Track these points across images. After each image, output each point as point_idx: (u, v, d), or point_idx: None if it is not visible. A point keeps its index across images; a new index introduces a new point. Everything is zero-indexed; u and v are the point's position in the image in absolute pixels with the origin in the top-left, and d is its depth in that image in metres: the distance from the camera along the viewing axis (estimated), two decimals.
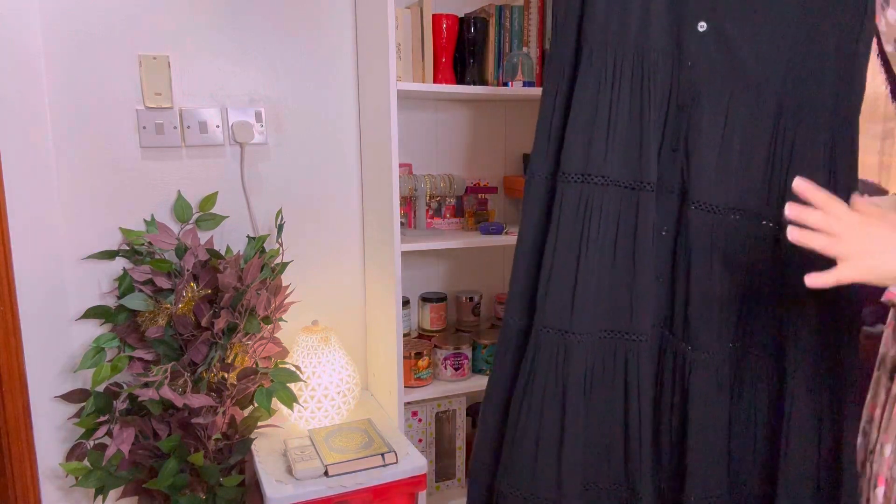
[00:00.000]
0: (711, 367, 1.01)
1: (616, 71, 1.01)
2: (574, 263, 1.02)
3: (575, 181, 1.02)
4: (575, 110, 1.02)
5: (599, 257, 1.03)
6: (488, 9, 1.76)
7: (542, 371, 1.04)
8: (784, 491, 0.97)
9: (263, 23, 1.66)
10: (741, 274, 1.00)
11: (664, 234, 1.04)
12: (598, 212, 1.02)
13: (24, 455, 1.50)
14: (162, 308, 1.49)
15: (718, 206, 0.99)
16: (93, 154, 1.54)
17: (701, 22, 0.98)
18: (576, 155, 1.01)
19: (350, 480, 1.37)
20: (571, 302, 1.02)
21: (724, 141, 0.99)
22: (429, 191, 1.76)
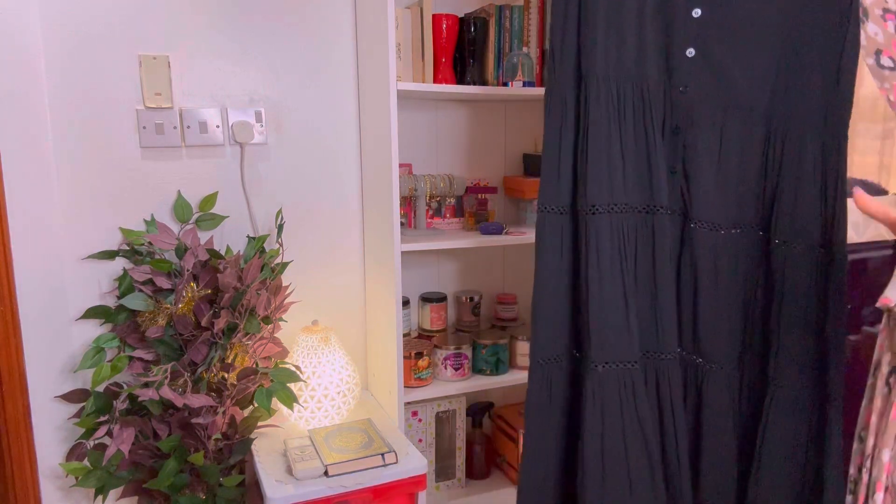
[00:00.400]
0: (723, 377, 1.04)
1: (621, 102, 1.05)
2: (622, 292, 1.04)
3: (604, 212, 1.05)
4: (592, 144, 1.05)
5: (636, 283, 1.06)
6: (488, 9, 1.76)
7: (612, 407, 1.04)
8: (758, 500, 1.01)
9: (263, 23, 1.66)
10: (744, 286, 1.04)
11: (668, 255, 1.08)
12: (630, 238, 1.05)
13: (24, 455, 1.50)
14: (162, 308, 1.49)
15: (719, 223, 1.03)
16: (93, 154, 1.54)
17: (689, 48, 1.03)
18: (601, 187, 1.05)
19: (350, 480, 1.37)
20: (628, 333, 1.04)
21: (721, 160, 1.03)
22: (429, 191, 1.76)
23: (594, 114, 1.05)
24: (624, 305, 1.04)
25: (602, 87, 1.05)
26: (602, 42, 1.04)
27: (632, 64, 1.04)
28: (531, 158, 1.99)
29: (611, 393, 1.04)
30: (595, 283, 1.04)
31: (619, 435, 1.04)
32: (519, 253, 2.10)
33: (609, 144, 1.05)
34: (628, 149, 1.05)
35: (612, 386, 1.04)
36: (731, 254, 1.03)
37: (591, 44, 1.04)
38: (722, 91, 1.01)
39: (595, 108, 1.05)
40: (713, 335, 1.04)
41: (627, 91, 1.05)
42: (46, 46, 1.47)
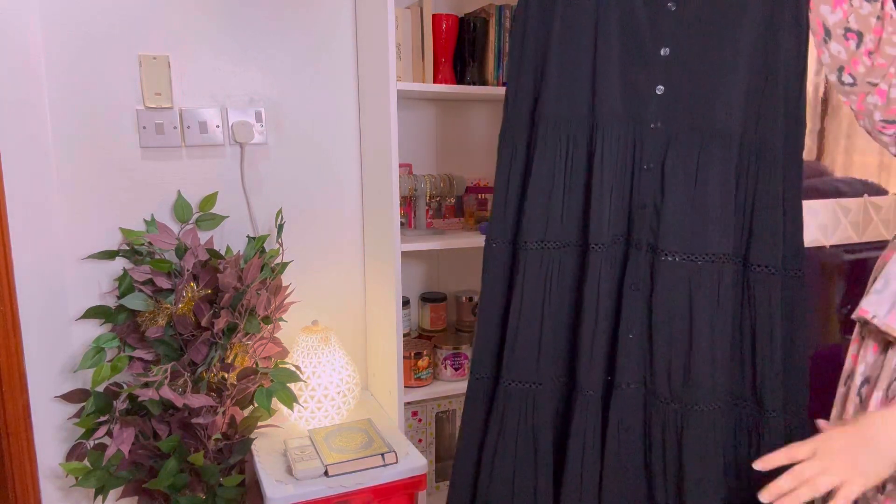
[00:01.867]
0: (706, 421, 1.02)
1: (570, 144, 1.07)
2: (538, 323, 1.10)
3: (535, 248, 1.09)
4: (533, 183, 1.09)
5: (557, 315, 1.10)
6: (488, 9, 1.76)
7: (512, 419, 1.12)
8: None
9: (263, 23, 1.66)
10: (722, 318, 1.02)
11: (636, 290, 1.06)
12: (556, 273, 1.09)
13: (24, 455, 1.50)
14: (162, 308, 1.49)
15: (695, 254, 1.02)
16: (93, 154, 1.54)
17: (658, 86, 1.03)
18: (535, 225, 1.09)
19: (350, 480, 1.37)
20: (537, 358, 1.10)
21: (698, 190, 1.02)
22: (429, 191, 1.76)
23: (539, 154, 1.08)
24: (538, 332, 1.09)
25: (550, 129, 1.07)
26: (556, 87, 1.06)
27: (587, 107, 1.06)
28: None
29: (512, 407, 1.11)
30: (516, 310, 1.10)
31: (511, 448, 1.11)
32: None
33: (552, 184, 1.08)
34: (574, 188, 1.08)
35: (515, 402, 1.11)
36: (706, 286, 1.01)
37: (546, 89, 1.07)
38: (697, 122, 1.01)
39: (542, 150, 1.08)
40: (695, 376, 1.02)
41: (580, 134, 1.06)
42: (47, 46, 1.47)
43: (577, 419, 1.07)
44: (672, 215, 1.02)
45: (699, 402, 1.01)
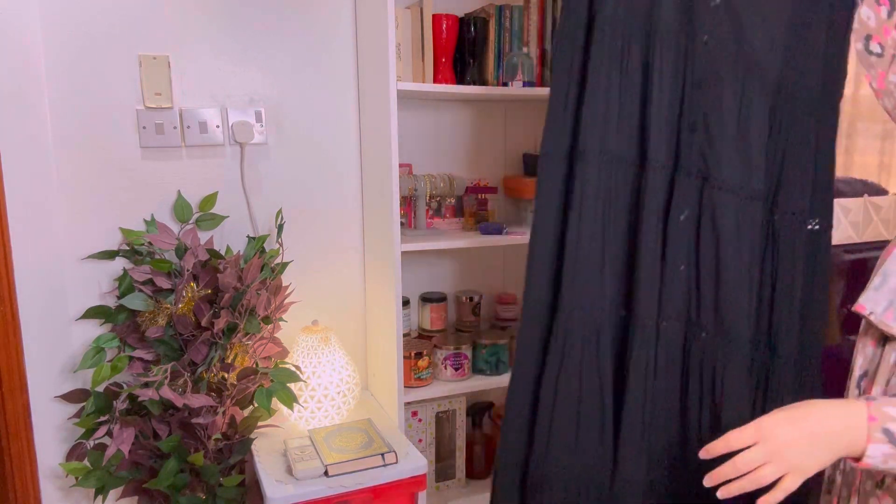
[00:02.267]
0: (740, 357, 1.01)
1: (625, 52, 1.02)
2: (599, 245, 1.04)
3: (594, 161, 1.03)
4: (589, 91, 1.03)
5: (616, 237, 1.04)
6: (488, 9, 1.76)
7: (576, 349, 1.05)
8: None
9: (263, 23, 1.66)
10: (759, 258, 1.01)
11: (683, 218, 1.03)
12: (614, 190, 1.04)
13: (24, 455, 1.50)
14: (162, 308, 1.49)
15: (741, 188, 1.00)
16: (93, 154, 1.54)
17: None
18: (594, 132, 1.03)
19: (350, 480, 1.37)
20: (601, 283, 1.04)
21: (741, 122, 0.99)
22: (429, 191, 1.76)
23: (596, 59, 1.02)
24: (600, 255, 1.03)
25: (607, 30, 1.02)
26: None
27: (644, 12, 1.01)
28: (531, 158, 1.99)
29: (574, 337, 1.05)
30: (575, 229, 1.04)
31: (575, 377, 1.05)
32: (519, 253, 2.10)
33: (608, 94, 1.03)
34: (629, 101, 1.03)
35: (577, 332, 1.05)
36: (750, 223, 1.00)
37: None
38: (741, 48, 0.98)
39: (597, 56, 1.02)
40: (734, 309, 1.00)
41: (634, 41, 1.02)
42: (47, 46, 1.47)
43: (638, 352, 1.03)
44: (724, 144, 0.99)
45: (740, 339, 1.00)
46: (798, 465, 0.77)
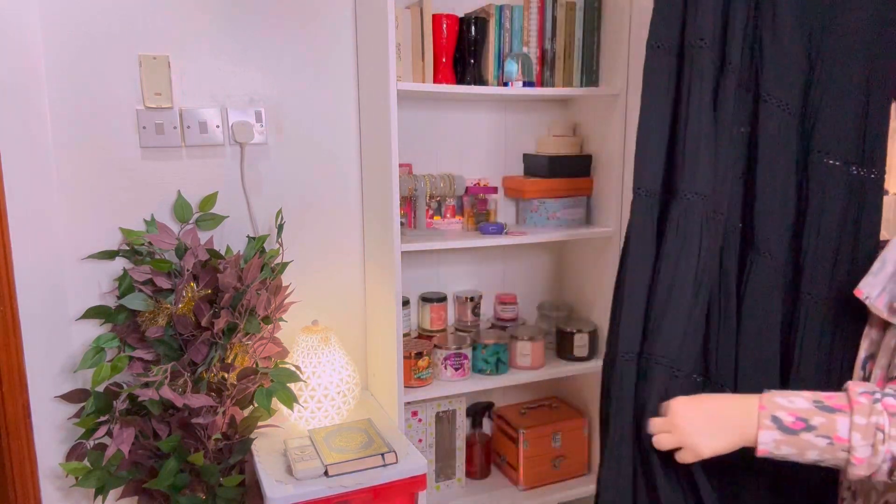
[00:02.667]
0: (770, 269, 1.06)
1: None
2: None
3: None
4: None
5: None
6: (488, 9, 1.76)
7: (693, 233, 1.06)
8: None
9: (263, 23, 1.66)
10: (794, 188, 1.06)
11: (742, 131, 1.08)
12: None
13: (24, 455, 1.50)
14: (162, 308, 1.49)
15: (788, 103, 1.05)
16: (93, 154, 1.54)
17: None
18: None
19: (350, 480, 1.37)
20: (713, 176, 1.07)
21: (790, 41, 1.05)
22: (429, 191, 1.76)
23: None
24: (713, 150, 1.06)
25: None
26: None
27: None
28: (531, 158, 1.99)
29: (693, 221, 1.06)
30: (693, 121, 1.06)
31: (693, 260, 1.06)
32: (519, 253, 2.10)
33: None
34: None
35: (696, 215, 1.06)
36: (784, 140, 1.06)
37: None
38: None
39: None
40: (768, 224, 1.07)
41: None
42: (46, 46, 1.47)
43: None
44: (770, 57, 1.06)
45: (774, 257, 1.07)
46: (691, 441, 0.87)
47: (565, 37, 1.83)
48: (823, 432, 0.78)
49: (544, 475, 1.95)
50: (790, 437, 0.79)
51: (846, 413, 0.78)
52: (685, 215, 1.05)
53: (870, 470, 0.77)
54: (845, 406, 0.78)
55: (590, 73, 1.86)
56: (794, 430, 0.79)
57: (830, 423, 0.78)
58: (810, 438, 0.78)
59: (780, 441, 0.80)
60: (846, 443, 0.77)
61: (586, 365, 1.90)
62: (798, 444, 0.79)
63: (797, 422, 0.79)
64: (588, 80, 1.86)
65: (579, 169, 1.93)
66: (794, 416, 0.80)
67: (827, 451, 0.78)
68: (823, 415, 0.78)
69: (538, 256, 2.12)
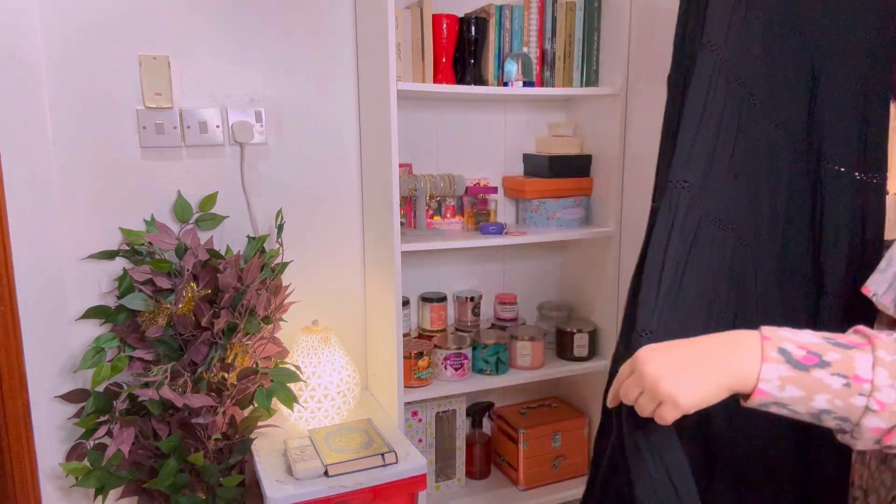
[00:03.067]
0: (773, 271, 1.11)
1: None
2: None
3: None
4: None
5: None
6: (488, 9, 1.76)
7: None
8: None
9: (263, 23, 1.66)
10: (810, 198, 1.12)
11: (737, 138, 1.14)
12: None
13: (24, 455, 1.50)
14: (162, 308, 1.49)
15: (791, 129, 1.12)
16: (93, 154, 1.54)
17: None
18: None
19: (350, 480, 1.37)
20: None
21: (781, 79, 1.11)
22: (429, 191, 1.76)
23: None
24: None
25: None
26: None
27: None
28: (531, 158, 1.99)
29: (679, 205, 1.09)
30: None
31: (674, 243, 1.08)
32: (519, 253, 2.10)
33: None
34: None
35: (682, 200, 1.09)
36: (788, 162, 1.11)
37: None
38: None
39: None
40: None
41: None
42: (46, 46, 1.47)
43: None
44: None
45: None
46: (667, 390, 0.69)
47: (565, 37, 1.83)
48: (839, 370, 0.64)
49: (544, 475, 1.95)
50: (800, 375, 0.64)
51: (866, 350, 0.64)
52: (671, 199, 1.08)
53: (891, 421, 0.63)
54: (863, 343, 0.65)
55: (590, 73, 1.86)
56: (804, 366, 0.65)
57: (847, 360, 0.64)
58: (823, 377, 0.64)
59: (788, 379, 0.65)
60: (868, 383, 0.63)
61: (586, 365, 1.90)
62: (808, 385, 0.64)
63: (809, 356, 0.65)
64: (588, 80, 1.86)
65: (579, 169, 1.93)
66: (804, 349, 0.65)
67: (841, 394, 0.64)
68: (839, 350, 0.65)
69: (538, 256, 2.12)
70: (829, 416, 0.65)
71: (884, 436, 0.64)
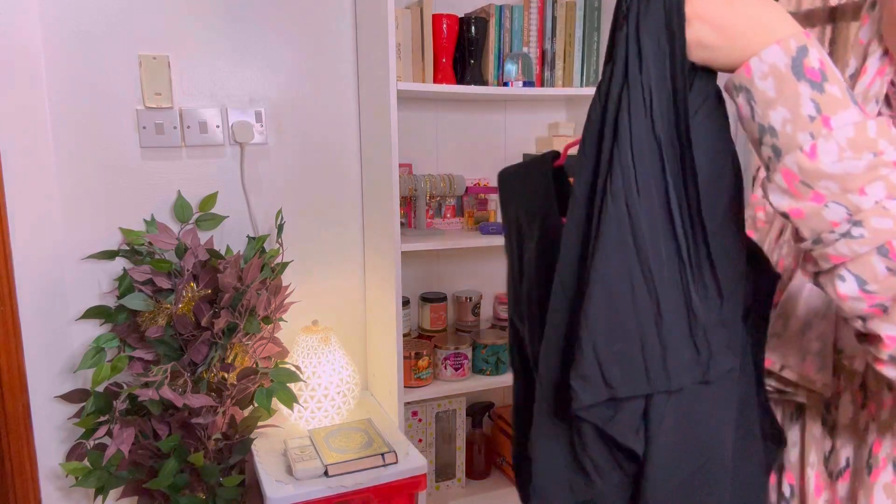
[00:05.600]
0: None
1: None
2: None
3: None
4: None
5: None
6: (488, 9, 1.76)
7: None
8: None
9: (263, 23, 1.66)
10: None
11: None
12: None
13: (24, 455, 1.50)
14: (162, 308, 1.49)
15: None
16: (93, 154, 1.54)
17: None
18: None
19: (350, 480, 1.37)
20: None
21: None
22: (429, 191, 1.76)
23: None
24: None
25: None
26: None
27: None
28: None
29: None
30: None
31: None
32: None
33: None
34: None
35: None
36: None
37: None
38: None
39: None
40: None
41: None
42: (46, 46, 1.47)
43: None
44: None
45: None
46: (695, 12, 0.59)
47: (565, 37, 1.83)
48: (822, 104, 0.53)
49: None
50: (788, 77, 0.54)
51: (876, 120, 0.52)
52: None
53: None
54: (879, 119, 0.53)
55: (590, 73, 1.86)
56: (800, 74, 0.54)
57: (840, 104, 0.53)
58: (804, 93, 0.53)
59: (775, 73, 0.54)
60: (828, 130, 0.52)
61: None
62: (784, 90, 0.54)
63: (816, 70, 0.53)
64: (588, 80, 1.86)
65: None
66: (821, 64, 0.54)
67: (800, 122, 0.53)
68: (845, 91, 0.53)
69: None
70: (769, 139, 0.56)
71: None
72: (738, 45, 0.58)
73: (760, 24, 0.57)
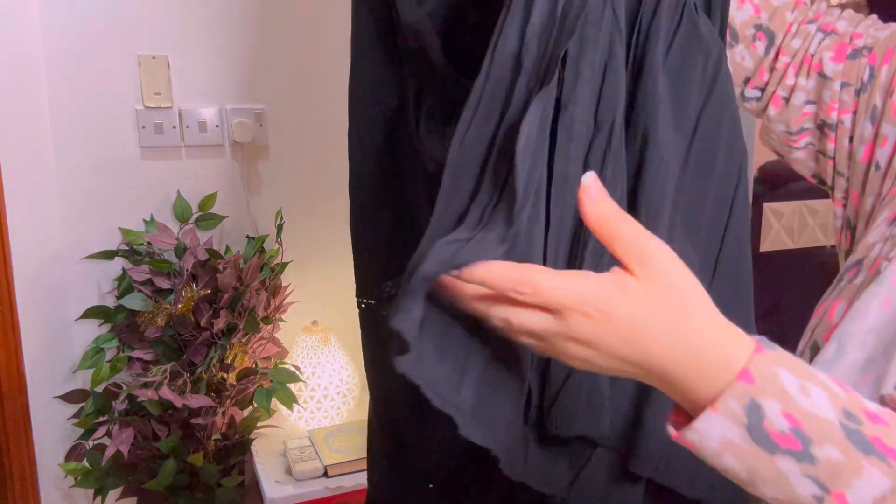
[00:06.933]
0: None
1: None
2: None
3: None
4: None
5: None
6: None
7: None
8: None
9: (263, 22, 1.66)
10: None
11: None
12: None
13: (23, 455, 1.50)
14: (161, 308, 1.49)
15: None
16: (92, 154, 1.54)
17: None
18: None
19: (350, 481, 1.37)
20: None
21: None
22: None
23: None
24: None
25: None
26: None
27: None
28: None
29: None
30: None
31: None
32: None
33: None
34: None
35: None
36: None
37: None
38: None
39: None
40: None
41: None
42: (46, 46, 1.47)
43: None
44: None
45: None
46: (582, 363, 0.42)
47: None
48: (824, 477, 0.38)
49: None
50: (756, 454, 0.39)
51: (889, 462, 0.37)
52: None
53: None
54: (890, 445, 0.38)
55: None
56: (772, 447, 0.38)
57: (848, 469, 0.38)
58: (790, 472, 0.38)
59: (734, 449, 0.39)
60: None
61: None
62: (760, 471, 0.39)
63: (789, 435, 0.38)
64: None
65: None
66: (792, 421, 0.38)
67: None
68: (846, 446, 0.38)
69: None
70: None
71: None
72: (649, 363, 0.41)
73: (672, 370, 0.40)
